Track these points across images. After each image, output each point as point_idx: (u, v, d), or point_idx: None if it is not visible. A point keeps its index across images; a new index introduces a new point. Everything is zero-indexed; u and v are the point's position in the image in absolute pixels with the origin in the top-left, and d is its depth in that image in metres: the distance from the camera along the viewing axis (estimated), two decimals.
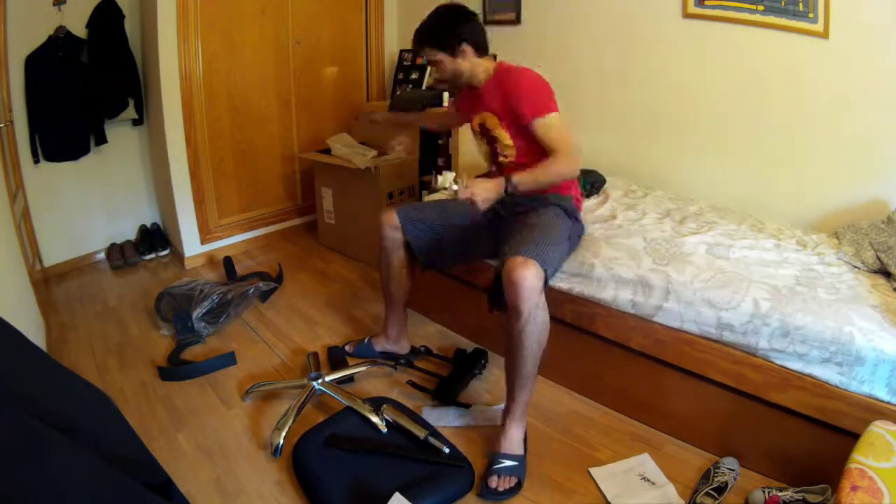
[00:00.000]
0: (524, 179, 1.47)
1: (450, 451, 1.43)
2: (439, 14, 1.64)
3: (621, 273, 1.55)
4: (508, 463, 1.40)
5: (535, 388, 1.48)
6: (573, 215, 1.67)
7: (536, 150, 1.56)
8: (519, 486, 1.38)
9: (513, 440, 1.44)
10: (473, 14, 1.64)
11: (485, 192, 1.44)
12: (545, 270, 1.36)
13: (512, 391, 1.44)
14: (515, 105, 1.55)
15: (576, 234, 1.68)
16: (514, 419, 1.45)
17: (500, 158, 1.71)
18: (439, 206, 1.81)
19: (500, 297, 1.41)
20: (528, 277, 1.32)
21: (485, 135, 1.74)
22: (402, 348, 1.92)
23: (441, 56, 1.61)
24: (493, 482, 1.36)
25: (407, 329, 1.93)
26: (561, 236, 1.55)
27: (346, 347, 1.96)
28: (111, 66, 2.51)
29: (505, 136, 1.65)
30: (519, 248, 1.39)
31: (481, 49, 1.64)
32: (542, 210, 1.62)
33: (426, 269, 1.81)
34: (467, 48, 1.60)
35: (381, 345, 1.91)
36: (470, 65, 1.63)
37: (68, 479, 0.61)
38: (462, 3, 1.69)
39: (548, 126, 1.52)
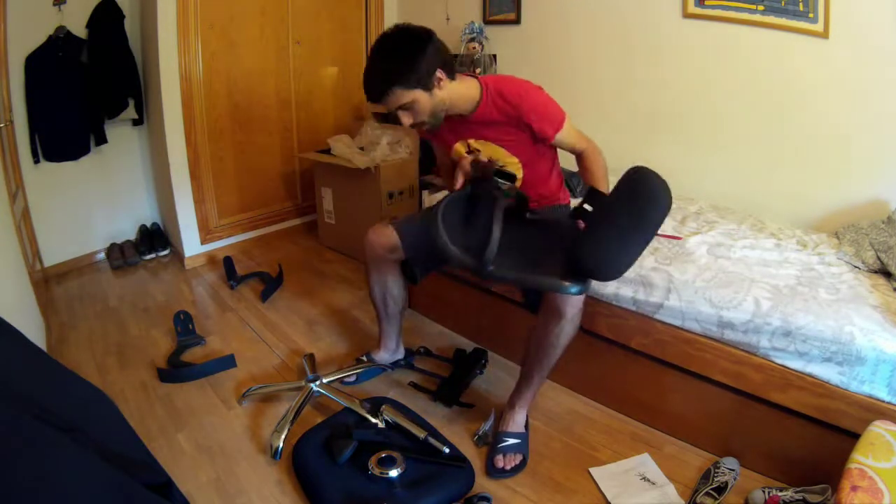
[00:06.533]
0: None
1: (450, 451, 1.43)
2: (396, 43, 1.31)
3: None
4: (512, 441, 1.46)
5: None
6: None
7: (542, 162, 1.54)
8: (524, 462, 1.45)
9: (518, 420, 1.51)
10: (430, 32, 1.34)
11: None
12: None
13: (531, 379, 1.49)
14: (538, 129, 1.43)
15: None
16: (524, 401, 1.52)
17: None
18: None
19: (537, 300, 1.44)
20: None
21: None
22: (401, 354, 1.88)
23: (416, 95, 1.31)
24: (500, 461, 1.42)
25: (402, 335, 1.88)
26: None
27: (350, 379, 1.78)
28: (111, 66, 2.51)
29: (514, 162, 1.50)
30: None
31: (451, 70, 1.37)
32: (560, 219, 1.56)
33: (415, 282, 1.71)
34: (441, 75, 1.33)
35: (382, 359, 1.84)
36: (447, 93, 1.37)
37: (68, 479, 0.61)
38: (409, 24, 1.34)
39: (567, 133, 1.46)
